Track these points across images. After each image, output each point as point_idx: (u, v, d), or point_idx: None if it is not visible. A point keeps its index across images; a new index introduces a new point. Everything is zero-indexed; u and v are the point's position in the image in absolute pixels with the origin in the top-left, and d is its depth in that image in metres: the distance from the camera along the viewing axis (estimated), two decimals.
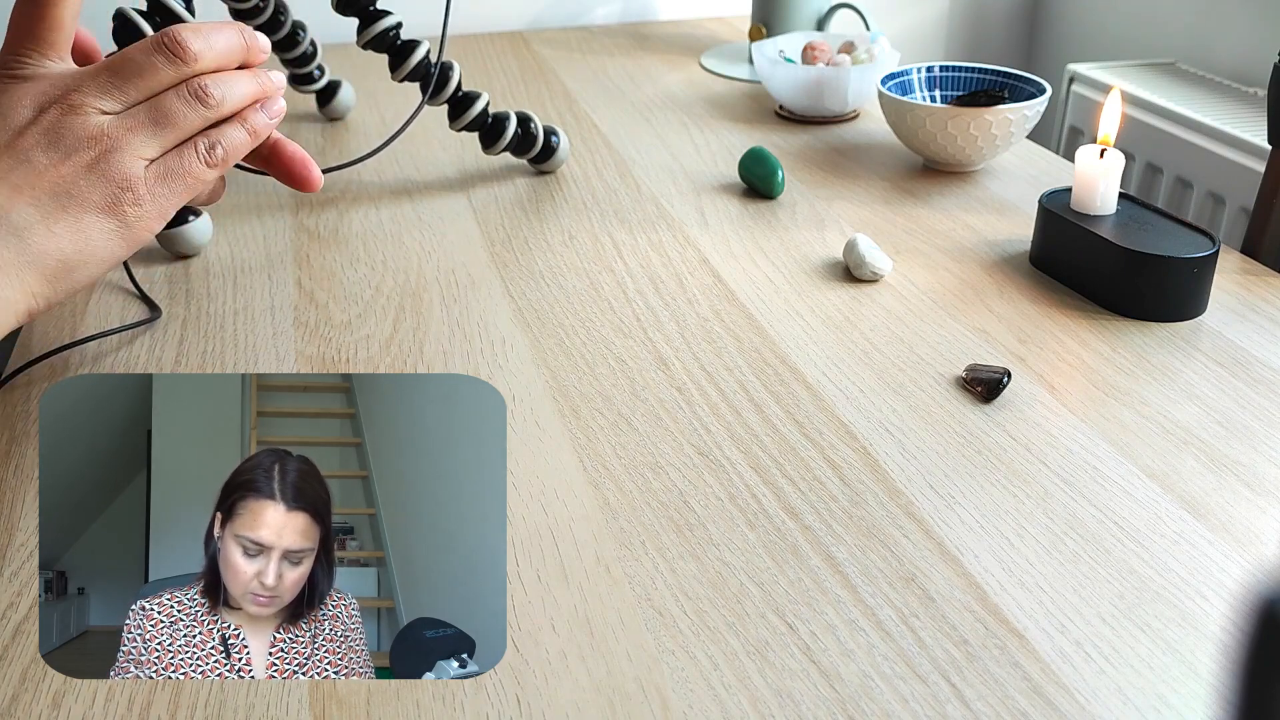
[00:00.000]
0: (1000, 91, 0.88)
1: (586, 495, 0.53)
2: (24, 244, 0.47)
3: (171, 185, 0.51)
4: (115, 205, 0.49)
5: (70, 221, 0.48)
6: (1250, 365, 0.62)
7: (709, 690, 0.42)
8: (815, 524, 0.51)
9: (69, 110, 0.49)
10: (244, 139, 0.53)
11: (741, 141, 0.96)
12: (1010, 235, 0.78)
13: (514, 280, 0.73)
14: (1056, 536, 0.50)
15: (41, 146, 0.48)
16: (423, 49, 0.81)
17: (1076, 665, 0.43)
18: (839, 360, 0.63)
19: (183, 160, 0.51)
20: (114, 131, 0.49)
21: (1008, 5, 1.58)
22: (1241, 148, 1.15)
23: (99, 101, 0.49)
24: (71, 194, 0.48)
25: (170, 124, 0.50)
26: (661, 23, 1.39)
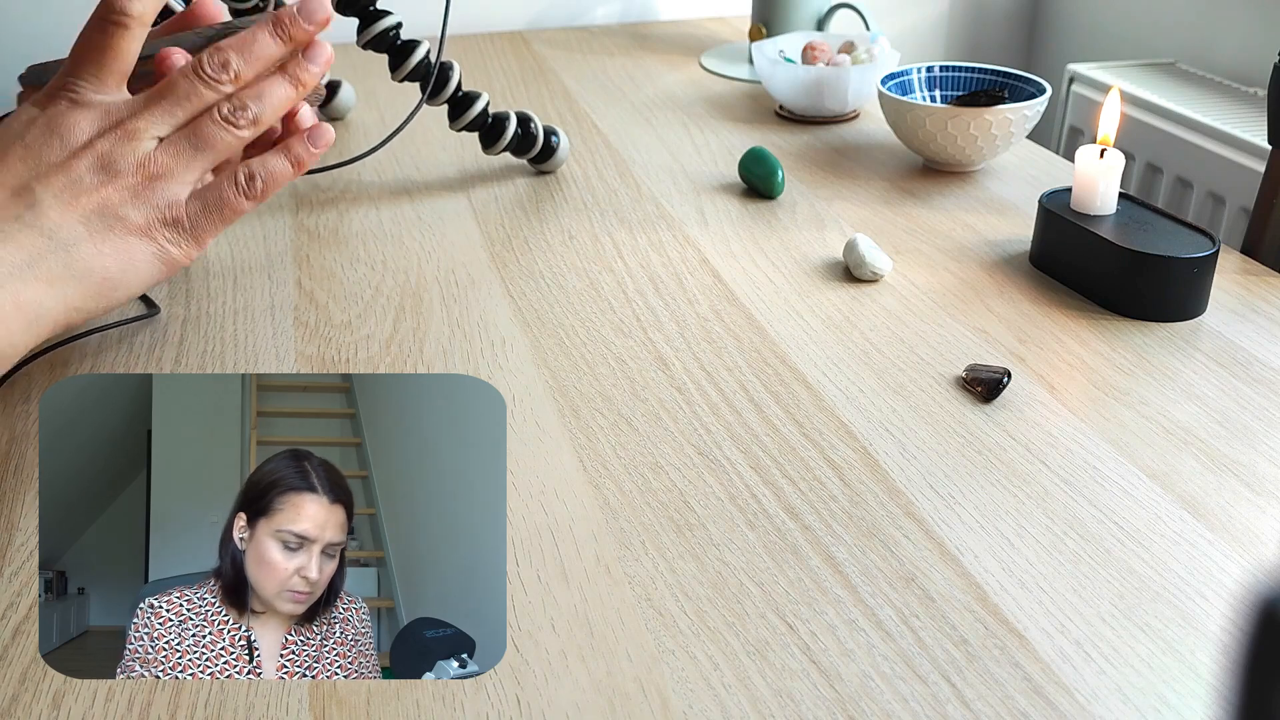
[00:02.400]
0: (1000, 91, 0.88)
1: (586, 495, 0.53)
2: (71, 258, 0.50)
3: (209, 216, 0.54)
4: (157, 230, 0.52)
5: (116, 241, 0.51)
6: (1250, 365, 0.62)
7: (709, 690, 0.42)
8: (815, 524, 0.51)
9: (125, 136, 0.51)
10: (285, 170, 0.56)
11: (741, 141, 0.96)
12: (1010, 235, 0.78)
13: (514, 280, 0.73)
14: (1056, 536, 0.50)
15: (92, 169, 0.50)
16: (423, 49, 0.81)
17: (1076, 665, 0.43)
18: (839, 360, 0.63)
19: (222, 192, 0.54)
20: (160, 158, 0.52)
21: (1008, 5, 1.58)
22: (1241, 148, 1.15)
23: (154, 129, 0.52)
24: (119, 215, 0.51)
25: (208, 147, 0.53)
26: (661, 23, 1.39)
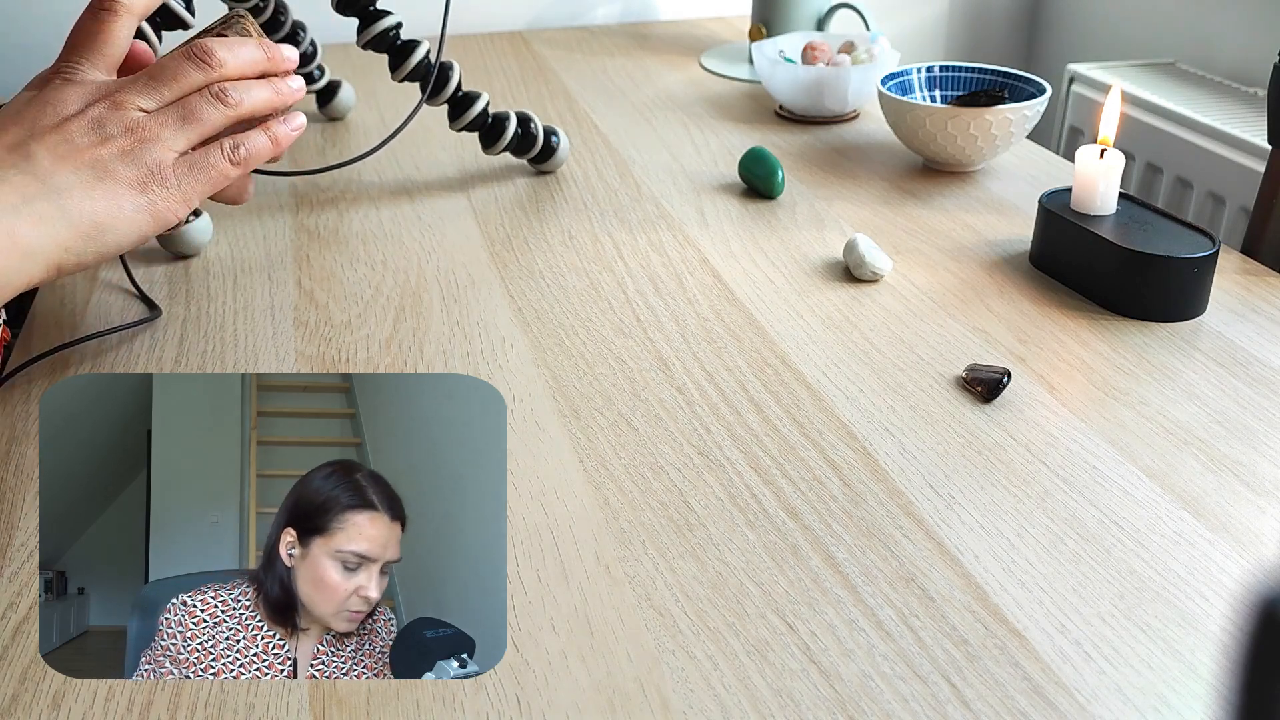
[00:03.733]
0: (1000, 91, 0.88)
1: (586, 495, 0.53)
2: (63, 202, 0.53)
3: (196, 175, 0.57)
4: (145, 185, 0.55)
5: (105, 190, 0.54)
6: (1250, 365, 0.62)
7: (709, 690, 0.42)
8: (815, 524, 0.51)
9: (113, 106, 0.56)
10: (266, 144, 0.61)
11: (741, 141, 0.96)
12: (1010, 235, 0.78)
13: (514, 280, 0.73)
14: (1056, 536, 0.50)
15: (84, 130, 0.55)
16: (422, 49, 0.81)
17: (1076, 665, 0.43)
18: (839, 360, 0.63)
19: (209, 155, 0.58)
20: (148, 124, 0.56)
21: (1008, 5, 1.58)
22: (1241, 148, 1.15)
23: (139, 100, 0.56)
24: (108, 169, 0.55)
25: (195, 120, 0.57)
26: (661, 23, 1.39)
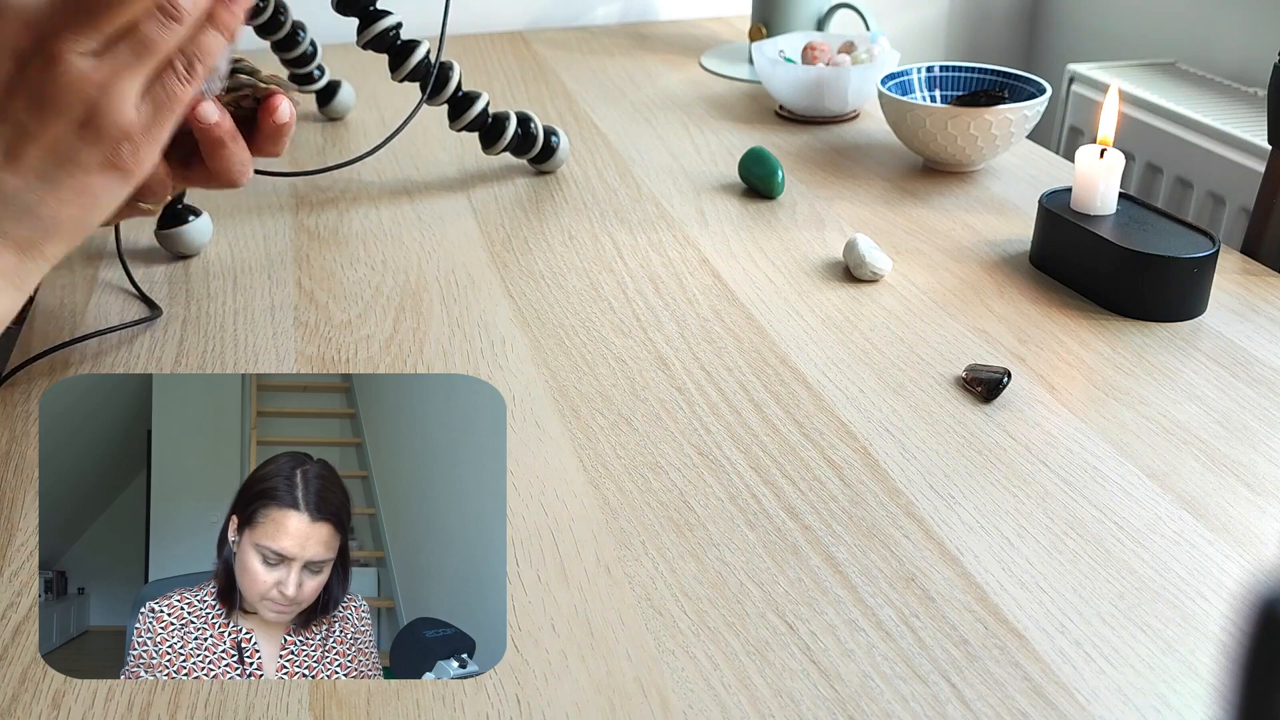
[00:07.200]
0: (1000, 91, 0.88)
1: (586, 495, 0.53)
2: (37, 218, 0.48)
3: (160, 117, 0.50)
4: (114, 160, 0.49)
5: (74, 185, 0.48)
6: (1250, 365, 0.62)
7: (709, 690, 0.42)
8: (815, 524, 0.51)
9: (49, 62, 0.47)
10: (217, 39, 0.52)
11: (741, 141, 0.96)
12: (1010, 235, 0.78)
13: (514, 280, 0.73)
14: (1056, 536, 0.50)
15: (29, 109, 0.47)
16: (422, 49, 0.81)
17: (1076, 665, 0.43)
18: (839, 360, 0.63)
19: (166, 88, 0.50)
20: (100, 79, 0.48)
21: (1008, 5, 1.58)
22: (1241, 148, 1.15)
23: (77, 44, 0.47)
24: (70, 157, 0.48)
25: (148, 52, 0.49)
26: (661, 23, 1.39)
